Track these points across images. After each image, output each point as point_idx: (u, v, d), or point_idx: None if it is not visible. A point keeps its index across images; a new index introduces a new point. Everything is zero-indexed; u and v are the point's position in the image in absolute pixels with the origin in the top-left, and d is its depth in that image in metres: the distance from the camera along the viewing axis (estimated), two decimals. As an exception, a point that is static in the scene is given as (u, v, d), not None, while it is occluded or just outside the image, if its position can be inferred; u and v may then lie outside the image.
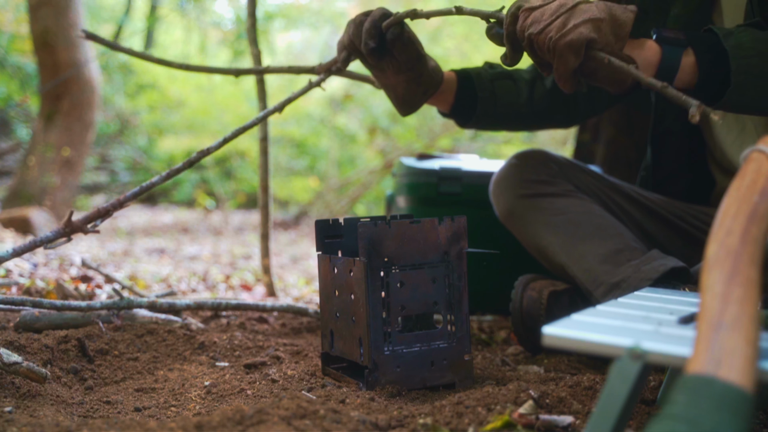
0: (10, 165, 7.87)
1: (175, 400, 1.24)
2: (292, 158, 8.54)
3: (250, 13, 2.40)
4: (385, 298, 1.26)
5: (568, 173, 1.62)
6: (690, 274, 1.42)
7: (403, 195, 2.14)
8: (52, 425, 0.97)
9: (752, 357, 0.64)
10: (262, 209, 2.43)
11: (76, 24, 5.06)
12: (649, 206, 1.65)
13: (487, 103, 1.59)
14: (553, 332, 0.78)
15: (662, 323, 0.84)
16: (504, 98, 1.60)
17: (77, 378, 1.36)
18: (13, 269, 2.75)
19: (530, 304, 1.56)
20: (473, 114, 1.60)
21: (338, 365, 1.39)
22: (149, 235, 6.08)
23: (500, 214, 1.65)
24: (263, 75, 2.30)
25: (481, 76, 1.59)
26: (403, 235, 1.27)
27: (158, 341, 1.55)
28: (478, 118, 1.61)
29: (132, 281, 2.84)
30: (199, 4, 9.66)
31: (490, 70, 1.62)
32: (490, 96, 1.59)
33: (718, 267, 0.70)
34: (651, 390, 1.20)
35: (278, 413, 0.94)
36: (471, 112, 1.60)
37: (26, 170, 5.11)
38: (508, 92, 1.60)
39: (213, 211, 8.00)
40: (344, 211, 7.30)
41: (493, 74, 1.61)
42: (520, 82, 1.62)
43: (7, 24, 7.99)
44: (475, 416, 0.97)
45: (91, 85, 5.22)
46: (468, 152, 5.75)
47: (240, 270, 3.73)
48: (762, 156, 0.80)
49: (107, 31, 10.83)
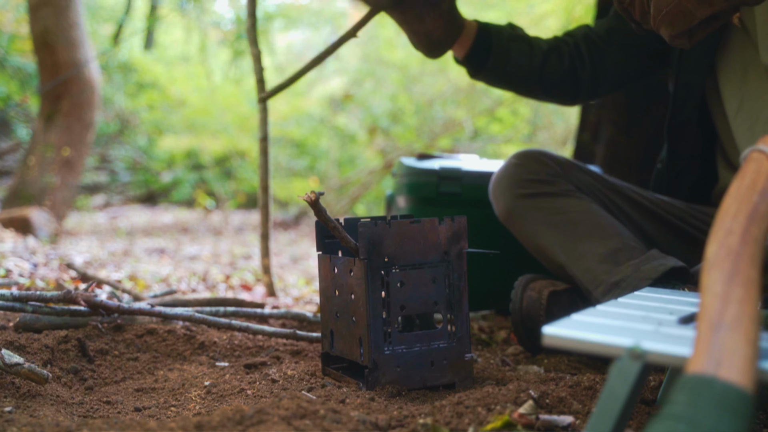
0: (10, 165, 7.87)
1: (175, 400, 1.24)
2: (292, 158, 8.54)
3: (250, 13, 2.40)
4: (385, 298, 1.26)
5: (567, 173, 1.62)
6: (690, 274, 1.41)
7: (403, 195, 2.14)
8: (52, 425, 0.97)
9: (752, 357, 0.64)
10: (262, 209, 2.43)
11: (76, 24, 5.06)
12: (648, 206, 1.65)
13: (498, 59, 1.67)
14: (553, 332, 0.78)
15: (662, 323, 0.84)
16: (516, 59, 1.68)
17: (77, 378, 1.36)
18: (13, 269, 2.75)
19: (530, 304, 1.56)
20: (484, 66, 1.68)
21: (338, 365, 1.39)
22: (149, 235, 6.08)
23: (500, 213, 1.65)
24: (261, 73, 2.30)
25: (500, 34, 1.68)
26: (404, 235, 1.27)
27: (158, 341, 1.55)
28: (488, 71, 1.69)
29: (132, 281, 2.84)
30: (199, 4, 9.66)
31: (511, 31, 1.70)
32: (504, 54, 1.67)
33: (718, 267, 0.70)
34: (651, 390, 1.20)
35: (278, 413, 0.94)
36: (483, 63, 1.68)
37: (26, 170, 5.11)
38: (521, 55, 1.68)
39: (213, 211, 8.00)
40: (344, 211, 7.29)
41: (511, 35, 1.69)
42: (536, 49, 1.70)
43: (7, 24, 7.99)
44: (475, 416, 0.97)
45: (91, 85, 5.22)
46: (468, 152, 5.76)
47: (240, 270, 3.73)
48: (762, 156, 0.80)
49: (107, 31, 10.84)
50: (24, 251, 3.56)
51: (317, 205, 1.20)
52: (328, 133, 8.41)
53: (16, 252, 3.48)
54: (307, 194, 1.18)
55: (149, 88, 8.78)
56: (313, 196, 1.18)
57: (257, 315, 1.75)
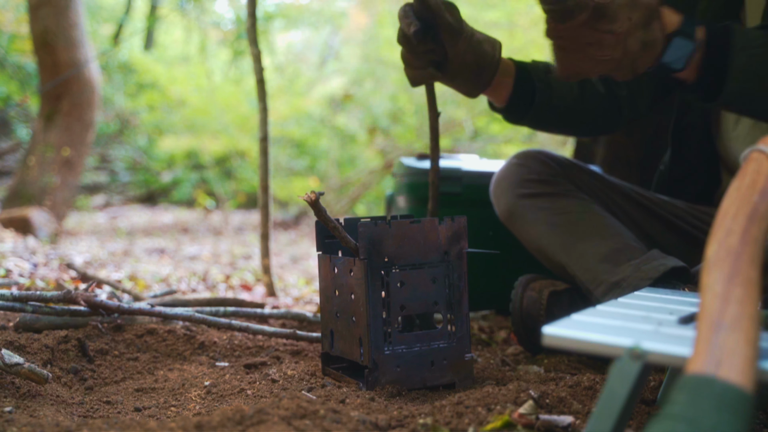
0: (10, 165, 7.88)
1: (175, 400, 1.24)
2: (292, 158, 8.54)
3: (250, 13, 2.40)
4: (385, 298, 1.26)
5: (568, 173, 1.62)
6: (690, 274, 1.41)
7: (403, 195, 2.14)
8: (52, 425, 0.97)
9: (752, 357, 0.64)
10: (262, 209, 2.43)
11: (76, 24, 5.06)
12: (649, 206, 1.65)
13: (544, 93, 1.54)
14: (553, 332, 0.78)
15: (662, 323, 0.84)
16: (558, 90, 1.56)
17: (77, 378, 1.36)
18: (13, 269, 2.75)
19: (530, 304, 1.56)
20: (531, 105, 1.54)
21: (338, 365, 1.39)
22: (149, 235, 6.08)
23: (500, 214, 1.65)
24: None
25: (536, 67, 1.56)
26: (404, 235, 1.27)
27: (158, 341, 1.55)
28: (535, 110, 1.55)
29: (132, 281, 2.84)
30: (199, 4, 9.66)
31: (540, 64, 1.60)
32: (547, 87, 1.54)
33: (718, 267, 0.70)
34: (651, 390, 1.20)
35: (278, 413, 0.94)
36: (529, 102, 1.54)
37: (26, 170, 5.11)
38: (561, 85, 1.56)
39: (213, 211, 8.00)
40: (344, 211, 7.30)
41: (545, 67, 1.57)
42: None
43: (7, 24, 7.99)
44: (475, 416, 0.97)
45: (91, 85, 5.22)
46: (468, 152, 5.75)
47: (240, 270, 3.73)
48: (762, 156, 0.80)
49: (107, 31, 10.84)
50: (24, 251, 3.56)
51: (317, 205, 1.20)
52: (328, 133, 8.41)
53: (16, 252, 3.48)
54: (307, 194, 1.18)
55: (149, 88, 8.78)
56: (313, 196, 1.18)
57: (257, 315, 1.75)
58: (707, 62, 1.22)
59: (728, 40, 1.21)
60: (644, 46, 1.16)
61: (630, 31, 1.15)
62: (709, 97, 1.24)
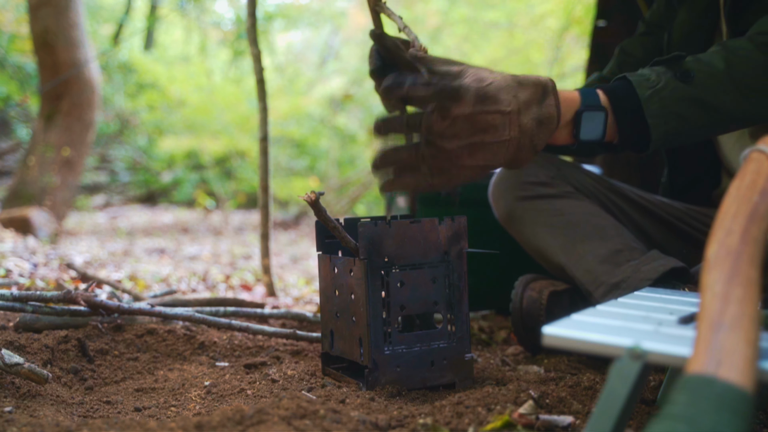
0: (10, 165, 7.88)
1: (175, 400, 1.24)
2: (292, 158, 8.55)
3: (250, 13, 2.40)
4: (385, 298, 1.26)
5: (567, 175, 1.62)
6: (690, 274, 1.41)
7: (403, 195, 2.14)
8: (52, 425, 0.97)
9: (752, 357, 0.64)
10: (262, 209, 2.43)
11: (76, 24, 5.06)
12: (648, 207, 1.65)
13: None
14: (553, 332, 0.78)
15: (662, 323, 0.84)
16: None
17: (77, 378, 1.36)
18: (13, 269, 2.76)
19: (530, 304, 1.56)
20: None
21: (338, 365, 1.39)
22: (149, 235, 6.08)
23: (500, 216, 1.65)
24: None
25: None
26: (404, 235, 1.27)
27: (158, 341, 1.55)
28: None
29: (132, 281, 2.84)
30: (199, 4, 9.66)
31: None
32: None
33: (718, 267, 0.70)
34: (651, 390, 1.20)
35: (278, 413, 0.94)
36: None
37: (26, 170, 5.11)
38: None
39: (213, 211, 8.00)
40: (344, 211, 7.30)
41: None
42: None
43: (7, 24, 7.99)
44: (475, 416, 0.97)
45: (91, 85, 5.22)
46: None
47: (240, 270, 3.73)
48: (762, 156, 0.80)
49: (107, 31, 10.84)
50: (24, 251, 3.56)
51: (317, 205, 1.20)
52: (328, 133, 8.42)
53: (16, 252, 3.48)
54: (307, 194, 1.18)
55: (149, 88, 8.79)
56: (313, 196, 1.18)
57: (257, 315, 1.75)
58: (623, 120, 1.21)
59: (633, 92, 1.20)
60: (540, 123, 1.14)
61: (521, 109, 1.11)
62: (642, 147, 1.24)
